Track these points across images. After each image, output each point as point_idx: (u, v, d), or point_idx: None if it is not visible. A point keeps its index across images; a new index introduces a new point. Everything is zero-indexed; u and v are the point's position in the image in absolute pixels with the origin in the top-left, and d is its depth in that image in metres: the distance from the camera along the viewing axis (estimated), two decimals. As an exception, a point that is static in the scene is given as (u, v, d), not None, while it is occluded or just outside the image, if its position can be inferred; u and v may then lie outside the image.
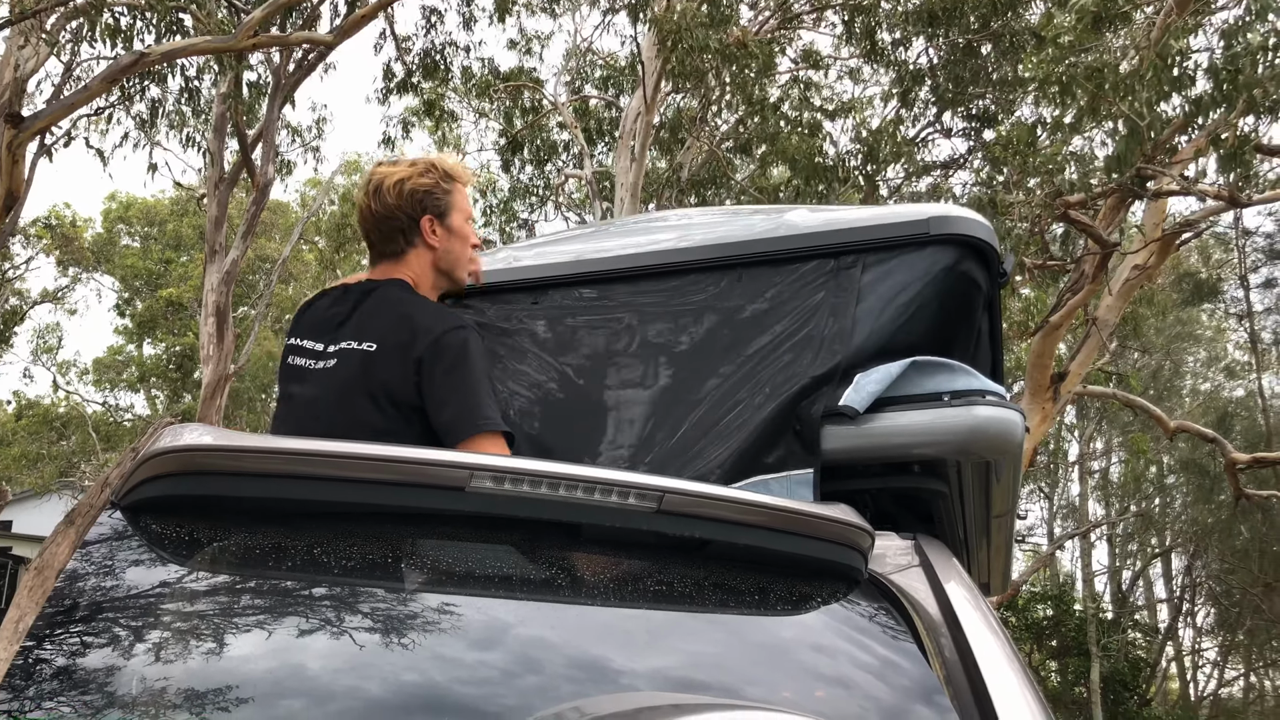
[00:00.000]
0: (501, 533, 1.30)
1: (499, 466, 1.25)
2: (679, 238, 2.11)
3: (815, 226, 1.99)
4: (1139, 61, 6.86)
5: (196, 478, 1.20)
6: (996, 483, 2.06)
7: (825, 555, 1.45)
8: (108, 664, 1.05)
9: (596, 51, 14.27)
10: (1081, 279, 8.47)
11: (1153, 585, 25.45)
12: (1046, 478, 23.08)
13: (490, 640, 1.22)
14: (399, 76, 10.72)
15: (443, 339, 1.82)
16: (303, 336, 1.92)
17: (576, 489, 1.29)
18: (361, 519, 1.26)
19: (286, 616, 1.17)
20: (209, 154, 9.39)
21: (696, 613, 1.38)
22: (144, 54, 5.68)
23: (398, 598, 1.22)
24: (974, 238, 1.95)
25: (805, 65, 12.30)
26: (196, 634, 1.12)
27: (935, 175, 12.02)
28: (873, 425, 1.81)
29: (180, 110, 9.50)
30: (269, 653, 1.13)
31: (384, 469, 1.23)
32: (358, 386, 1.80)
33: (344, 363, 1.83)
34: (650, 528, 1.34)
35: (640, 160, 10.68)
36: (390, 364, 1.81)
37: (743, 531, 1.39)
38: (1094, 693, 19.13)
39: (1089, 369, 10.58)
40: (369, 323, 1.86)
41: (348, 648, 1.16)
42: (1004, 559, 2.82)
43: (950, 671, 1.41)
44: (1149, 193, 7.98)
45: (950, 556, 1.80)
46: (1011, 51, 9.60)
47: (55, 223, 19.36)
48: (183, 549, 1.21)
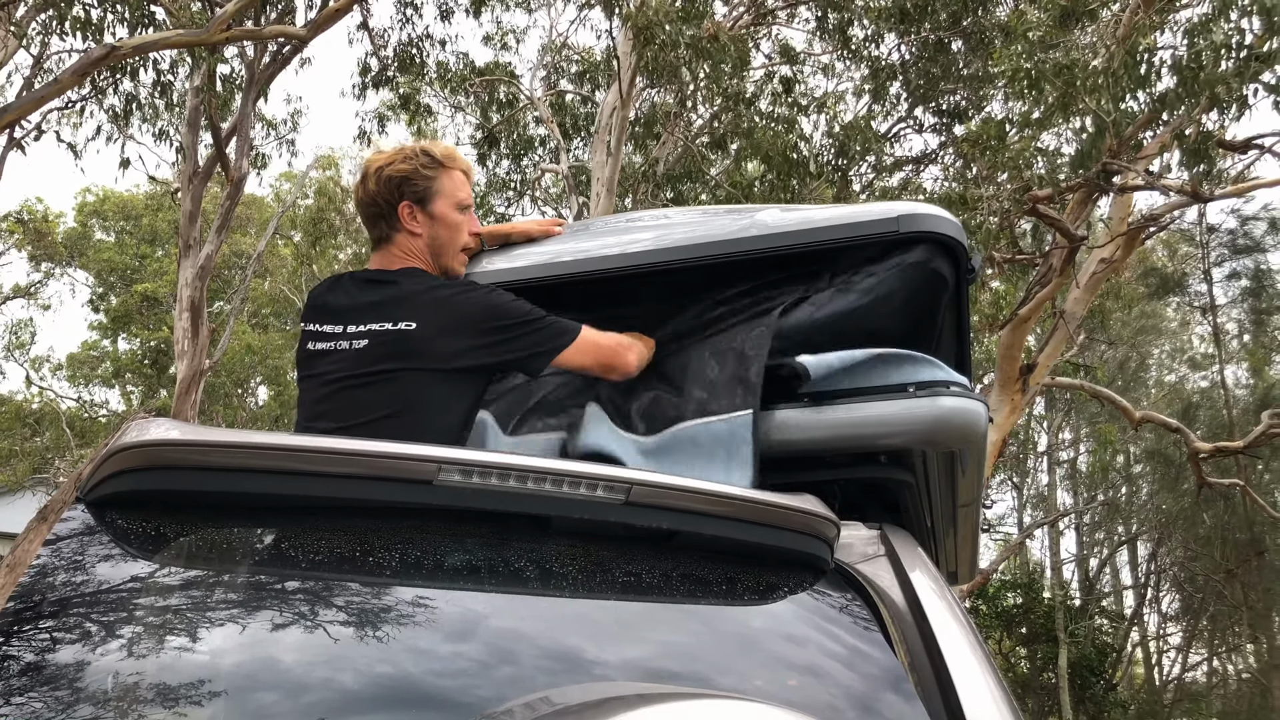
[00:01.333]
0: (470, 525, 1.31)
1: (467, 460, 1.26)
2: (655, 239, 2.13)
3: (786, 226, 2.01)
4: (1108, 58, 6.94)
5: (163, 472, 1.20)
6: (962, 473, 2.10)
7: (792, 545, 1.47)
8: (72, 660, 1.06)
9: (572, 46, 14.24)
10: (1049, 272, 8.58)
11: (1119, 572, 25.84)
12: (1016, 468, 23.33)
13: (460, 632, 1.23)
14: (375, 70, 10.65)
15: (469, 304, 1.90)
16: (321, 322, 1.96)
17: (545, 481, 1.30)
18: (330, 513, 1.26)
19: (254, 612, 1.18)
20: (182, 148, 9.28)
21: (665, 603, 1.40)
22: (115, 47, 5.59)
23: (366, 592, 1.23)
24: (942, 235, 1.99)
25: (780, 61, 12.34)
26: (163, 630, 1.12)
27: (907, 170, 12.11)
28: (838, 415, 1.83)
29: (154, 104, 9.38)
30: (236, 648, 1.13)
31: (351, 463, 1.23)
32: (396, 362, 1.85)
33: (377, 342, 1.87)
34: (619, 519, 1.35)
35: (616, 155, 10.67)
36: (430, 338, 1.86)
37: (710, 522, 1.41)
38: (1062, 678, 19.38)
39: (1057, 361, 10.72)
40: (401, 307, 1.90)
41: (316, 642, 1.17)
42: (971, 547, 2.86)
43: (915, 659, 1.43)
44: (1115, 188, 8.08)
45: (915, 546, 1.83)
46: (982, 48, 9.68)
47: (27, 217, 19.06)
48: (149, 544, 1.21)
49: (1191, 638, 23.27)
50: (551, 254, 2.22)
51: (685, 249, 2.03)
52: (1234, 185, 9.39)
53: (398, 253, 2.04)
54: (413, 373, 1.85)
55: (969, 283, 2.07)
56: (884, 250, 1.98)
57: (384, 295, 1.93)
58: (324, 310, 1.97)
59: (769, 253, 1.99)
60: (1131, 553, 24.71)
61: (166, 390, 19.20)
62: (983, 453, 2.00)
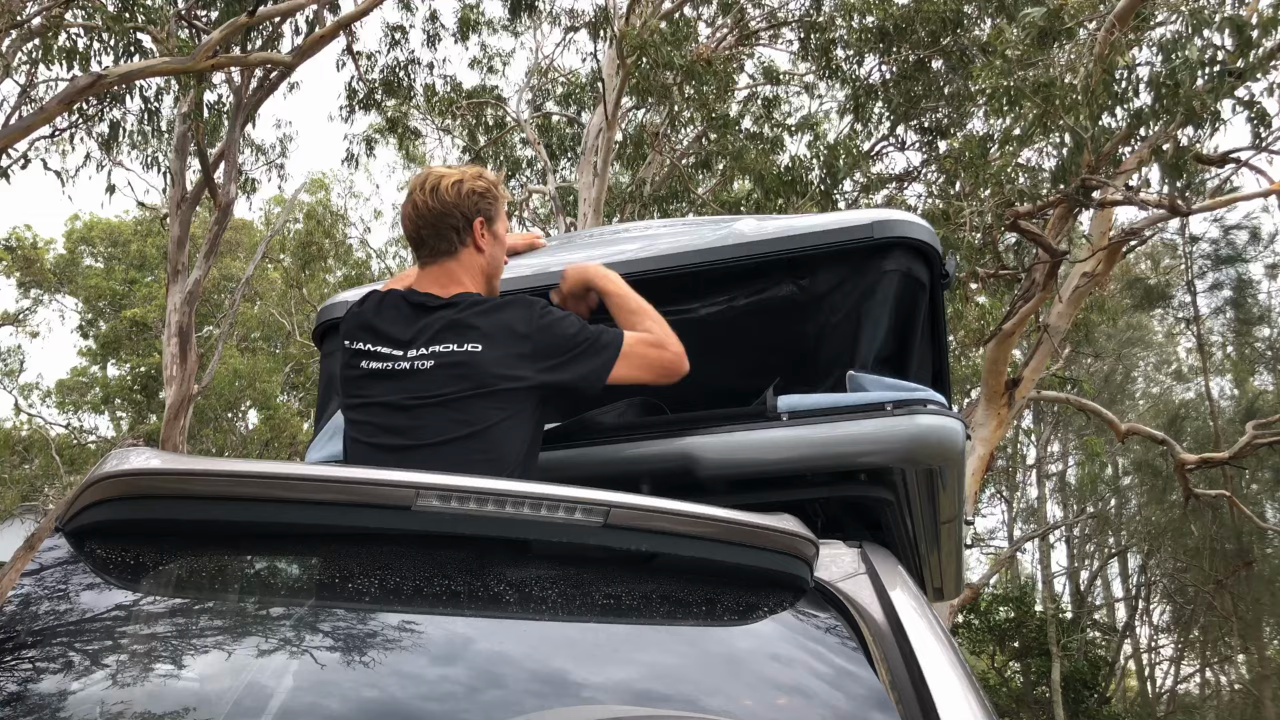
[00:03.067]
0: (449, 551, 1.32)
1: (444, 485, 1.27)
2: (637, 250, 2.16)
3: (763, 235, 2.04)
4: (1086, 75, 7.03)
5: (142, 502, 1.21)
6: (942, 489, 2.12)
7: (771, 565, 1.48)
8: (50, 692, 1.06)
9: (558, 69, 14.33)
10: (1033, 287, 8.64)
11: (1110, 585, 25.84)
12: (1005, 481, 23.37)
13: (440, 658, 1.24)
14: (361, 94, 10.69)
15: (537, 325, 1.90)
16: (375, 343, 1.94)
17: (524, 505, 1.31)
18: (309, 540, 1.27)
19: (233, 641, 1.19)
20: (170, 174, 9.27)
21: (644, 625, 1.41)
22: (101, 75, 5.61)
23: (345, 619, 1.24)
24: (916, 240, 2.02)
25: (764, 82, 12.44)
26: (142, 661, 1.13)
27: (891, 188, 12.19)
28: (816, 434, 1.85)
29: (143, 130, 9.39)
30: (215, 678, 1.14)
31: (329, 489, 1.24)
32: (462, 385, 1.85)
33: (443, 364, 1.87)
34: (598, 542, 1.36)
35: (603, 176, 10.73)
36: (499, 358, 1.86)
37: (689, 544, 1.42)
38: (1055, 692, 19.34)
39: (1042, 374, 10.77)
40: (466, 330, 1.89)
41: (296, 670, 1.17)
42: (955, 564, 2.88)
43: (896, 678, 1.44)
44: (1094, 202, 8.16)
45: (896, 563, 1.85)
46: (962, 66, 9.79)
47: (15, 244, 18.99)
48: (128, 574, 1.22)
49: (1183, 649, 23.27)
50: (537, 266, 2.25)
51: (661, 260, 2.05)
52: (1211, 199, 9.50)
53: (457, 270, 2.01)
54: (479, 396, 1.84)
55: (944, 288, 2.10)
56: (861, 257, 2.01)
57: (447, 318, 1.91)
58: (376, 331, 1.95)
59: (746, 262, 2.02)
60: (1122, 565, 24.74)
61: (156, 416, 19.10)
62: (962, 469, 2.03)
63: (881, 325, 2.03)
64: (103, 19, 6.06)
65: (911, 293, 2.03)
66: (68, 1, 5.96)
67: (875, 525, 2.09)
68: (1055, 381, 13.73)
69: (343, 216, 17.91)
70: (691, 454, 1.89)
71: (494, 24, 12.17)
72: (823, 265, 2.03)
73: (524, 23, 12.47)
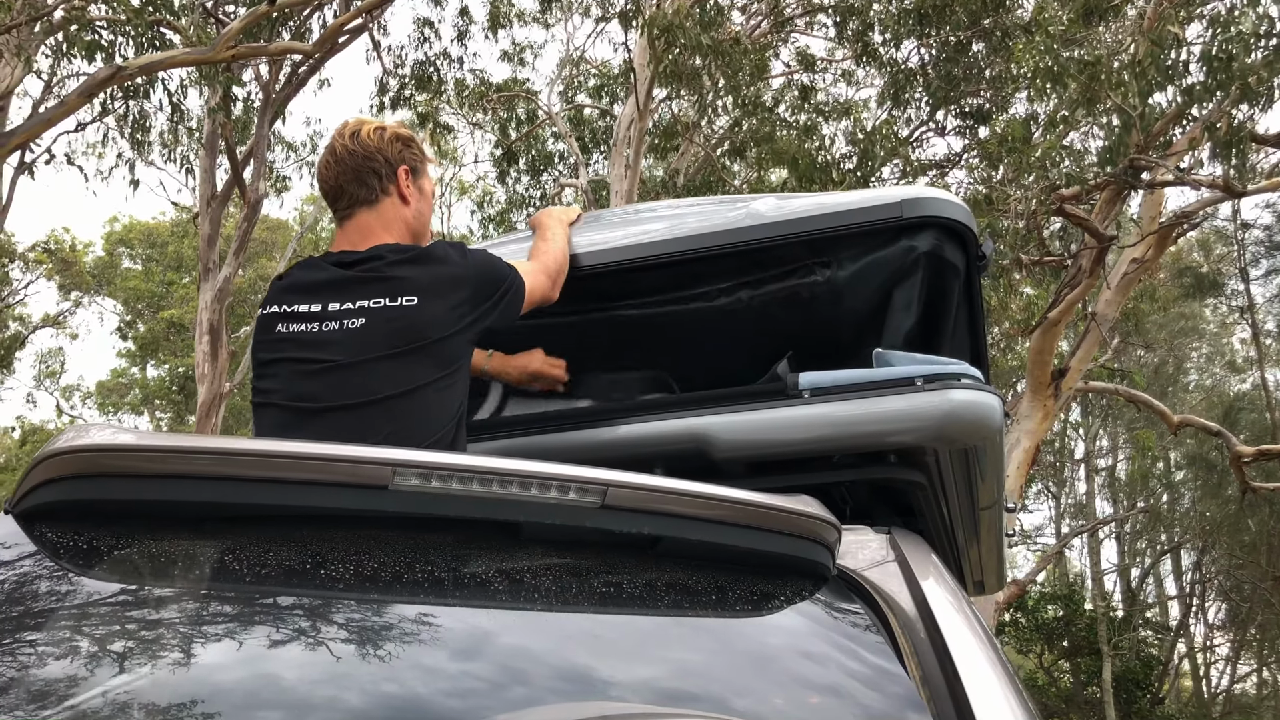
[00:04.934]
0: (430, 534, 1.21)
1: (423, 462, 1.17)
2: (644, 232, 2.04)
3: (782, 215, 1.91)
4: (1134, 50, 6.78)
5: (99, 480, 1.11)
6: (980, 472, 1.98)
7: (787, 550, 1.36)
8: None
9: (589, 60, 14.25)
10: (1079, 274, 8.38)
11: (1163, 582, 25.30)
12: (1053, 476, 22.93)
13: (414, 652, 1.13)
14: (393, 90, 10.68)
15: (472, 269, 1.83)
16: (294, 303, 1.80)
17: (511, 485, 1.20)
18: (277, 522, 1.17)
19: (194, 632, 1.09)
20: (192, 169, 9.33)
21: (646, 616, 1.29)
22: (121, 67, 5.60)
23: (315, 608, 1.13)
24: (949, 219, 1.88)
25: (799, 68, 12.25)
26: (89, 654, 1.03)
27: (931, 175, 11.95)
28: (842, 412, 1.72)
29: (174, 129, 9.45)
30: (172, 670, 1.04)
31: (298, 467, 1.14)
32: (401, 340, 1.74)
33: (378, 321, 1.75)
34: (595, 525, 1.25)
35: (635, 167, 10.63)
36: (438, 310, 1.76)
37: (695, 527, 1.30)
38: (1106, 692, 18.96)
39: (1090, 365, 10.47)
40: (397, 280, 1.78)
41: (261, 663, 1.07)
42: (996, 555, 2.72)
43: (928, 674, 1.32)
44: (1143, 184, 7.89)
45: (928, 551, 1.72)
46: (1004, 48, 9.53)
47: (55, 247, 19.34)
48: (81, 559, 1.12)
49: (1240, 648, 22.68)
50: None
51: (670, 244, 1.94)
52: (1269, 180, 9.15)
53: (376, 224, 1.89)
54: (414, 352, 1.73)
55: (980, 271, 1.95)
56: (889, 238, 1.88)
57: (373, 271, 1.79)
58: (297, 289, 1.82)
59: (764, 244, 1.89)
60: (1175, 562, 24.19)
61: (195, 415, 19.39)
62: (999, 450, 1.88)
63: (911, 312, 1.89)
64: (125, 11, 6.06)
65: (944, 276, 1.89)
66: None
67: (907, 511, 1.96)
68: (1104, 373, 13.37)
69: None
70: (704, 434, 1.77)
71: (524, 16, 12.12)
72: (848, 247, 1.89)
73: (554, 14, 12.41)
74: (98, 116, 8.44)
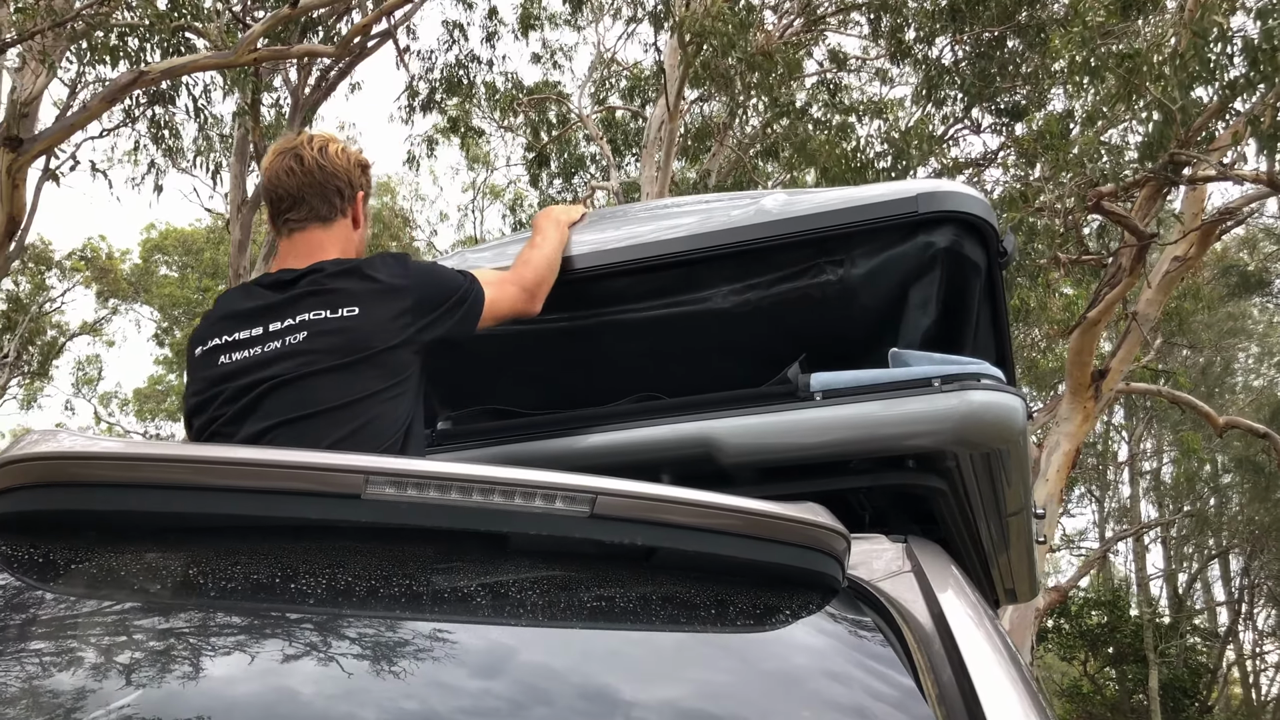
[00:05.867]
0: (408, 546, 1.15)
1: (399, 470, 1.10)
2: (647, 231, 1.96)
3: (791, 212, 1.83)
4: (1174, 42, 6.59)
5: (61, 490, 1.07)
6: (1005, 477, 1.88)
7: (792, 561, 1.28)
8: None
9: (621, 62, 14.20)
10: (1118, 272, 8.16)
11: (1211, 588, 24.73)
12: (1096, 480, 22.50)
13: (395, 670, 1.07)
14: (422, 94, 10.72)
15: (413, 277, 1.81)
16: (233, 331, 1.77)
17: (493, 493, 1.14)
18: (247, 533, 1.12)
19: (160, 648, 1.04)
20: (223, 178, 9.41)
21: (643, 632, 1.22)
22: (143, 72, 5.65)
23: (286, 623, 1.08)
24: (968, 214, 1.79)
25: (832, 68, 12.12)
26: (49, 672, 0.98)
27: (967, 173, 11.76)
28: (855, 415, 1.64)
29: (205, 134, 9.54)
30: (136, 688, 0.99)
31: (268, 475, 1.08)
32: (343, 354, 1.71)
33: (319, 334, 1.72)
34: (584, 535, 1.18)
35: (666, 169, 10.56)
36: (380, 320, 1.74)
37: (693, 537, 1.23)
38: (1153, 701, 18.57)
39: (1132, 366, 10.22)
40: (339, 294, 1.76)
41: (228, 678, 1.02)
42: (1027, 562, 2.62)
43: (944, 691, 1.24)
44: (1184, 180, 7.67)
45: (947, 561, 1.63)
46: (1040, 44, 9.34)
47: (91, 255, 19.66)
48: (39, 572, 1.07)
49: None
50: None
51: (671, 244, 1.86)
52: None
53: (326, 240, 1.86)
54: (360, 364, 1.71)
55: (1002, 267, 1.86)
56: (904, 234, 1.79)
57: (312, 284, 1.76)
58: (234, 317, 1.79)
59: (773, 242, 1.81)
60: (1223, 567, 23.65)
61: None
62: (1025, 453, 1.79)
63: (929, 311, 1.81)
64: (150, 16, 6.10)
65: (964, 273, 1.80)
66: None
67: (929, 519, 1.87)
68: (1147, 374, 13.07)
69: (409, 219, 18.08)
70: (712, 439, 1.69)
71: (555, 19, 12.11)
72: (861, 245, 1.80)
73: (585, 16, 12.39)
74: (122, 122, 8.54)
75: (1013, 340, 2.30)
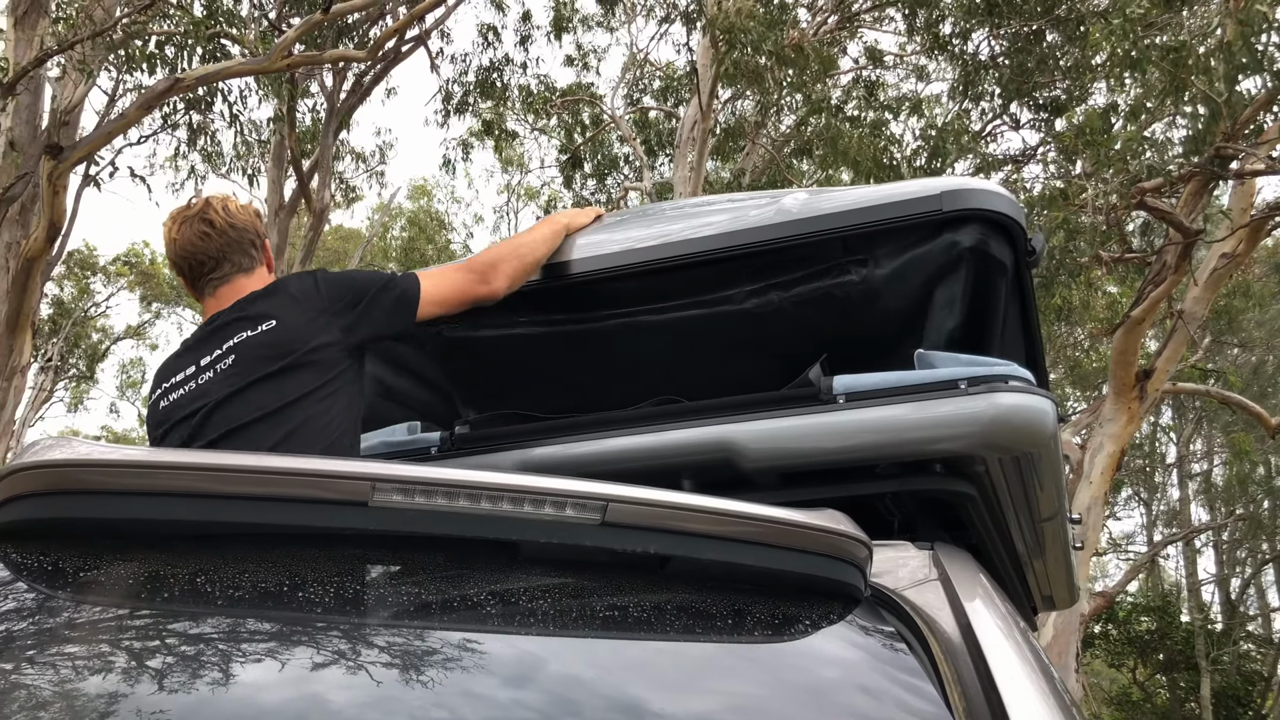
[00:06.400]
0: (416, 554, 1.13)
1: (405, 477, 1.09)
2: (671, 231, 1.93)
3: (812, 212, 1.79)
4: (1220, 33, 6.43)
5: (70, 497, 1.06)
6: (1037, 481, 1.83)
7: (812, 570, 1.25)
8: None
9: (654, 62, 14.18)
10: (1164, 270, 7.98)
11: (1266, 593, 24.11)
12: (1144, 482, 22.05)
13: (402, 680, 1.05)
14: (456, 98, 10.78)
15: (321, 282, 1.91)
16: (170, 377, 1.89)
17: (502, 500, 1.12)
18: (252, 542, 1.10)
19: (166, 656, 1.03)
20: (259, 183, 9.53)
21: (656, 642, 1.19)
22: (179, 79, 5.74)
23: (292, 633, 1.06)
24: (994, 212, 1.74)
25: (867, 65, 12.01)
26: (54, 680, 0.98)
27: (1005, 170, 11.58)
28: (879, 419, 1.60)
29: (243, 140, 9.67)
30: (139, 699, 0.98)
31: (273, 482, 1.07)
32: (269, 363, 1.80)
33: (245, 351, 1.83)
34: (595, 544, 1.16)
35: (699, 169, 10.52)
36: (298, 325, 1.84)
37: (708, 545, 1.20)
38: (1205, 709, 18.15)
39: (1179, 365, 9.99)
40: (255, 316, 1.87)
41: (232, 687, 1.01)
42: (1065, 568, 2.55)
43: (971, 703, 1.20)
44: (1231, 175, 7.48)
45: (976, 568, 1.59)
46: (1080, 37, 9.16)
47: (134, 260, 20.06)
48: (46, 580, 1.07)
49: (1349, 662, 21.47)
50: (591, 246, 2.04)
51: (688, 245, 1.83)
52: (1371, 166, 8.59)
53: (254, 285, 1.98)
54: (287, 371, 1.79)
55: (1030, 267, 1.81)
56: (929, 233, 1.75)
57: (236, 312, 1.88)
58: (171, 368, 1.90)
59: (793, 242, 1.77)
60: (1279, 571, 23.04)
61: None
62: (1057, 457, 1.74)
63: (955, 311, 1.76)
64: (186, 24, 6.20)
65: (991, 273, 1.76)
66: (148, 6, 6.13)
67: (960, 525, 1.82)
68: (1195, 374, 12.77)
69: (445, 222, 18.19)
70: (732, 444, 1.66)
71: (588, 20, 12.11)
72: (885, 244, 1.76)
73: (618, 17, 12.38)
74: (160, 129, 8.72)
75: (1053, 340, 2.23)
